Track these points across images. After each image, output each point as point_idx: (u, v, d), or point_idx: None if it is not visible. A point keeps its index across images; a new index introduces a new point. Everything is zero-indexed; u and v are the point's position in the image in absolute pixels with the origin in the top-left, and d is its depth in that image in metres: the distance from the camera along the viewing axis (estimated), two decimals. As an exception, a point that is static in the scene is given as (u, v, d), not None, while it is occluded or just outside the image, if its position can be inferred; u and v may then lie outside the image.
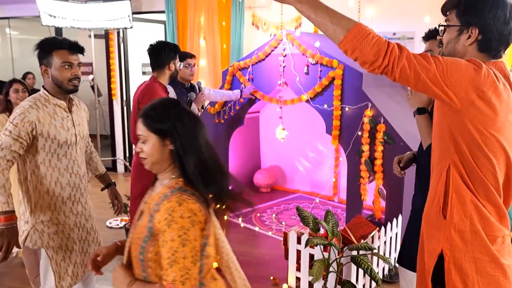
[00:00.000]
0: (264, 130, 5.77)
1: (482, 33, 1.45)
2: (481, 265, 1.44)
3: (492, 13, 1.42)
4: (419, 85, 1.37)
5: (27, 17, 7.32)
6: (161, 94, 2.97)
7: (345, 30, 1.36)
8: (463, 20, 1.47)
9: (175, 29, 5.98)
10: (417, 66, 1.34)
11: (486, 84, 1.37)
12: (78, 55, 2.22)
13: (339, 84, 3.82)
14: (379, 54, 1.33)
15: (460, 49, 1.50)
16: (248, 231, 4.43)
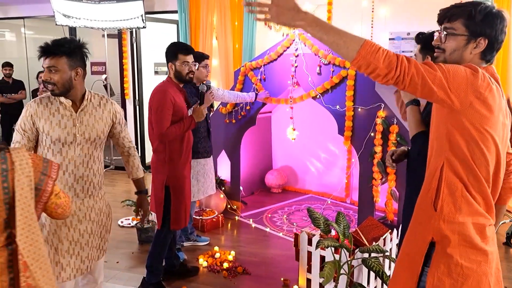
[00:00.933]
0: (276, 131, 5.75)
1: (489, 43, 1.58)
2: (465, 252, 1.57)
3: (500, 25, 1.58)
4: (425, 91, 1.48)
5: (42, 16, 7.40)
6: (171, 92, 2.96)
7: (357, 47, 1.44)
8: (474, 30, 1.57)
9: (187, 29, 5.99)
10: (424, 73, 1.45)
11: (482, 86, 1.49)
12: (52, 58, 2.12)
13: (352, 85, 3.79)
14: (391, 66, 1.43)
15: (466, 56, 1.61)
16: (259, 232, 4.42)
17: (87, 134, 2.22)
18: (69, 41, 2.15)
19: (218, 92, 4.05)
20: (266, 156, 5.82)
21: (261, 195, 5.60)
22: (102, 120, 2.28)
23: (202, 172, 3.77)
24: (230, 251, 3.83)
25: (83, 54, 2.22)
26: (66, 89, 2.14)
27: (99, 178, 2.34)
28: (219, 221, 4.52)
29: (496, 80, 1.59)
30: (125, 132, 2.46)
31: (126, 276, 3.49)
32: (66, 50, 2.11)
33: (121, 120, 2.40)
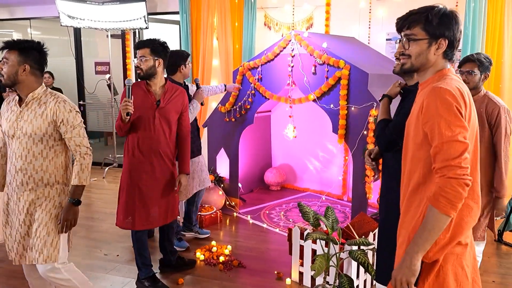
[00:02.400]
0: (275, 129, 5.86)
1: (450, 41, 1.69)
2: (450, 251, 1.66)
3: (457, 26, 1.68)
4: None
5: (47, 18, 7.56)
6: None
7: (447, 220, 1.56)
8: (433, 33, 1.67)
9: (189, 30, 6.11)
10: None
11: (462, 107, 1.58)
12: (7, 52, 2.32)
13: (345, 84, 3.89)
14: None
15: (432, 58, 1.71)
16: (256, 228, 4.54)
17: (24, 129, 2.33)
18: (26, 41, 2.35)
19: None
20: (265, 154, 5.93)
21: (260, 192, 5.71)
22: (41, 116, 2.33)
23: (197, 170, 3.94)
24: (226, 246, 3.95)
25: (39, 55, 2.37)
26: (11, 81, 2.33)
27: (43, 175, 2.36)
28: (218, 217, 4.64)
29: (458, 77, 1.70)
30: (71, 134, 2.37)
31: (126, 269, 3.61)
32: (19, 47, 2.31)
33: (65, 121, 2.34)
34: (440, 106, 1.55)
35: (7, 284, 3.39)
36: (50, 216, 2.37)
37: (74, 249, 4.01)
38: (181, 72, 3.74)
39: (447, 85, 1.59)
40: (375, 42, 5.51)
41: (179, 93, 3.19)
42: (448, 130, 1.53)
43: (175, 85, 3.23)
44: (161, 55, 3.08)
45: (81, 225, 4.57)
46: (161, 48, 3.11)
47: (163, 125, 3.08)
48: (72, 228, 2.46)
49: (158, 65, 3.06)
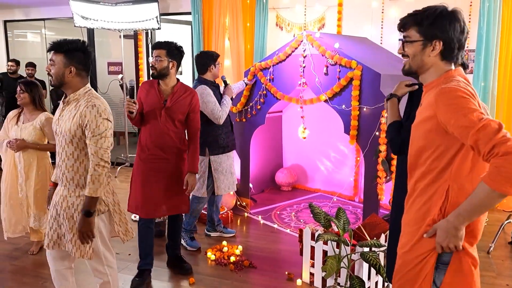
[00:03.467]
0: (287, 129, 5.85)
1: (445, 44, 1.66)
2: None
3: (452, 26, 1.64)
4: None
5: (62, 18, 7.65)
6: (142, 86, 3.38)
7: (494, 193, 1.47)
8: (426, 35, 1.67)
9: (201, 30, 6.13)
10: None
11: (473, 97, 1.56)
12: (53, 54, 2.35)
13: (357, 85, 3.87)
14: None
15: (427, 60, 1.70)
16: (267, 228, 4.54)
17: (61, 127, 2.38)
18: (71, 43, 2.35)
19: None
20: (276, 155, 5.93)
21: (271, 192, 5.71)
22: (73, 118, 2.34)
23: (233, 165, 4.12)
24: (237, 246, 3.96)
25: (84, 56, 2.37)
26: (59, 82, 2.36)
27: (74, 175, 2.38)
28: (229, 217, 4.65)
29: (467, 80, 1.67)
30: (90, 141, 2.31)
31: (137, 268, 3.64)
32: (65, 49, 2.32)
33: (88, 127, 2.30)
34: (451, 103, 1.53)
35: (21, 281, 3.44)
36: (82, 215, 2.38)
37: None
38: (211, 72, 3.91)
39: (453, 83, 1.59)
40: (388, 42, 5.48)
41: (187, 95, 3.28)
42: (473, 117, 1.47)
43: (186, 87, 3.33)
44: (175, 58, 3.24)
45: (94, 224, 4.61)
46: (177, 52, 3.26)
47: (169, 123, 3.23)
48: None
49: (172, 67, 3.21)
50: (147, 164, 3.26)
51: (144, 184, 3.26)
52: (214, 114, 3.78)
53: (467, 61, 4.95)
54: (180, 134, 3.30)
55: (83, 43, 2.39)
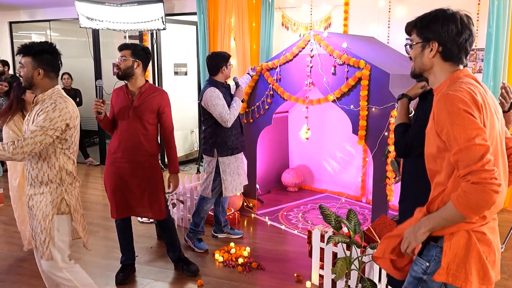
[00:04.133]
0: (293, 130, 5.82)
1: (441, 45, 1.68)
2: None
3: (445, 28, 1.66)
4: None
5: (67, 19, 7.64)
6: (114, 91, 3.44)
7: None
8: (422, 37, 1.72)
9: (206, 30, 6.11)
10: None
11: (474, 110, 1.54)
12: (22, 57, 2.43)
13: (366, 85, 3.83)
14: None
15: (427, 62, 1.73)
16: (275, 229, 4.50)
17: (27, 127, 2.44)
18: (37, 45, 2.40)
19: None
20: (282, 155, 5.90)
21: (277, 193, 5.68)
22: (37, 118, 2.38)
23: (242, 166, 4.08)
24: (245, 247, 3.93)
25: (52, 57, 2.43)
26: (29, 84, 2.44)
27: (38, 172, 2.43)
28: (236, 218, 4.62)
29: (475, 80, 1.66)
30: (32, 128, 2.34)
31: (145, 270, 3.62)
32: (32, 52, 2.39)
33: (41, 117, 2.32)
34: (449, 113, 1.53)
35: (30, 283, 3.42)
36: (42, 214, 2.44)
37: (92, 250, 4.04)
38: (223, 73, 3.90)
39: (456, 90, 1.56)
40: (395, 42, 5.43)
41: (156, 95, 3.27)
42: (463, 135, 1.49)
43: (155, 88, 3.34)
44: (140, 58, 3.24)
45: (100, 225, 4.60)
46: (142, 52, 3.27)
47: (137, 124, 3.23)
48: (90, 228, 2.51)
49: (137, 66, 3.20)
50: (113, 167, 3.28)
51: (113, 187, 3.30)
52: (222, 117, 3.76)
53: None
54: (150, 136, 3.27)
55: (50, 45, 2.45)
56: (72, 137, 2.47)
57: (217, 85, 3.84)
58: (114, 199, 3.31)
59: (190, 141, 7.98)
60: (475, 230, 1.60)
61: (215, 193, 3.94)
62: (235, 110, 3.84)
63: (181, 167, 7.29)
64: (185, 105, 7.48)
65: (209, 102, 3.75)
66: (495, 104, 1.68)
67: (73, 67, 7.96)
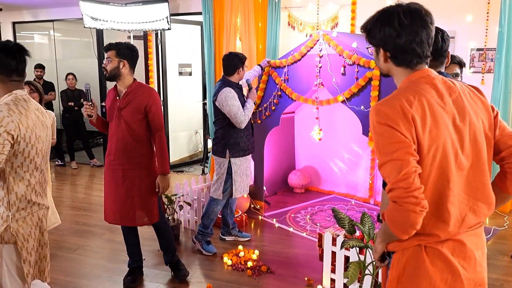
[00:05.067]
0: (299, 131, 5.76)
1: (386, 50, 1.55)
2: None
3: (383, 32, 1.51)
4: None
5: (71, 19, 7.58)
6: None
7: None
8: (371, 42, 1.60)
9: (211, 30, 6.05)
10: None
11: (400, 123, 1.41)
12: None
13: (377, 85, 3.77)
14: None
15: (383, 67, 1.61)
16: (282, 232, 4.44)
17: None
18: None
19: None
20: (289, 156, 5.84)
21: (284, 195, 5.62)
22: None
23: (249, 167, 4.06)
24: (254, 250, 3.87)
25: (3, 57, 2.11)
26: None
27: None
28: (243, 220, 4.56)
29: (431, 83, 1.51)
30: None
31: (153, 273, 3.56)
32: None
33: None
34: (373, 126, 1.45)
35: None
36: None
37: (98, 253, 3.99)
38: (239, 74, 3.86)
39: (386, 101, 1.46)
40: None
41: (142, 93, 3.16)
42: (383, 149, 1.41)
43: (142, 86, 3.23)
44: (126, 57, 3.12)
45: (106, 228, 4.54)
46: (128, 51, 3.15)
47: (125, 125, 3.15)
48: (96, 231, 2.36)
49: (123, 66, 3.11)
50: (109, 170, 3.25)
51: (107, 190, 3.28)
52: (237, 118, 3.71)
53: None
54: (140, 137, 3.16)
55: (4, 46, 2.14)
56: (25, 152, 2.08)
57: (232, 86, 3.79)
58: (106, 204, 3.29)
59: (194, 141, 7.92)
60: (429, 247, 1.50)
61: (226, 195, 3.89)
62: (249, 112, 3.81)
63: (185, 168, 7.25)
64: (190, 106, 7.42)
65: (224, 102, 3.69)
66: (471, 105, 1.54)
67: (77, 67, 7.91)
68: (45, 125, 2.25)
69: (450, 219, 1.47)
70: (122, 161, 3.18)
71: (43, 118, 2.25)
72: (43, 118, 2.26)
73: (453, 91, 1.54)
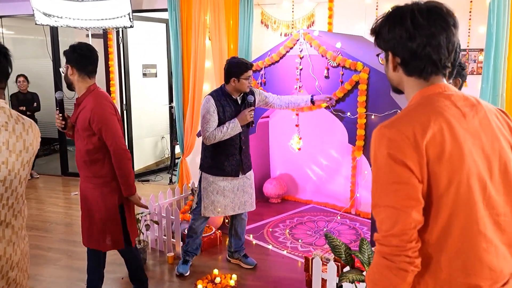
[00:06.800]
0: (274, 136, 5.39)
1: (396, 55, 1.29)
2: None
3: (393, 33, 1.26)
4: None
5: (21, 15, 6.92)
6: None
7: None
8: (380, 46, 1.34)
9: (178, 29, 5.59)
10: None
11: (407, 155, 1.16)
12: None
13: (364, 90, 3.44)
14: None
15: (392, 76, 1.35)
16: (261, 250, 4.05)
17: None
18: None
19: (266, 99, 3.59)
20: (263, 164, 5.46)
21: (259, 205, 5.20)
22: None
23: (235, 190, 3.51)
24: (231, 275, 3.46)
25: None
26: None
27: None
28: (217, 238, 4.15)
29: (451, 101, 1.23)
30: None
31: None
32: None
33: None
34: (374, 154, 1.19)
35: None
36: None
37: (53, 284, 3.47)
38: (232, 85, 3.29)
39: (396, 121, 1.19)
40: (383, 41, 5.08)
41: (86, 106, 2.66)
42: (380, 187, 1.17)
43: (90, 96, 2.69)
44: (71, 61, 2.69)
45: (62, 251, 4.01)
46: (70, 54, 2.70)
47: (81, 142, 2.73)
48: (50, 255, 1.87)
49: (71, 73, 2.70)
50: (80, 188, 2.90)
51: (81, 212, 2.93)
52: (203, 132, 3.28)
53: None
54: (93, 156, 2.68)
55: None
56: None
57: (220, 95, 3.32)
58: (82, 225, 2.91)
59: (160, 147, 7.43)
60: None
61: (198, 211, 3.50)
62: (220, 133, 3.23)
63: (151, 177, 6.76)
64: (155, 110, 6.95)
65: (200, 110, 3.31)
66: (500, 129, 1.26)
67: (30, 68, 7.26)
68: None
69: (485, 273, 1.17)
70: (81, 179, 2.81)
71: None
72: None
73: (478, 110, 1.24)
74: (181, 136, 5.69)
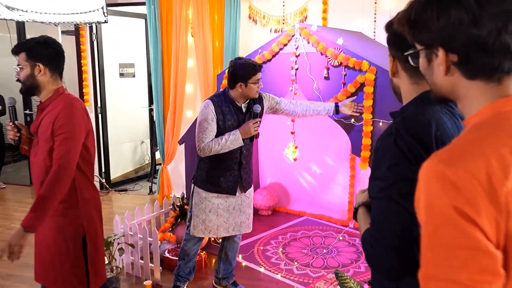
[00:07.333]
0: (264, 143, 4.94)
1: (450, 50, 0.89)
2: None
3: (445, 19, 0.87)
4: None
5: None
6: None
7: None
8: (420, 40, 0.96)
9: (158, 24, 5.14)
10: None
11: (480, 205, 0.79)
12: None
13: (371, 93, 3.01)
14: None
15: (441, 82, 0.94)
16: (252, 273, 3.59)
17: None
18: None
19: (277, 105, 3.11)
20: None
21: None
22: None
23: (224, 206, 3.03)
24: (219, 307, 2.99)
25: None
26: None
27: None
28: (202, 260, 3.67)
29: None
30: None
31: None
32: None
33: None
34: (426, 198, 0.81)
35: None
36: None
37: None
38: (239, 91, 2.82)
39: (459, 155, 0.80)
40: (382, 37, 4.66)
41: (53, 109, 2.16)
42: (433, 257, 0.79)
43: (64, 98, 2.21)
44: (42, 58, 2.19)
45: (23, 280, 3.49)
46: (41, 49, 2.20)
47: (40, 157, 2.18)
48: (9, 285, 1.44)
49: (39, 72, 2.19)
50: None
51: None
52: (197, 142, 2.80)
53: None
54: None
55: None
56: None
57: (221, 100, 2.87)
58: None
59: (140, 153, 6.93)
60: None
61: (190, 230, 3.05)
62: (218, 145, 2.79)
63: (130, 186, 6.24)
64: (134, 112, 6.47)
65: (198, 116, 2.88)
66: None
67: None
68: None
69: None
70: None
71: None
72: None
73: None
74: (161, 142, 5.21)
